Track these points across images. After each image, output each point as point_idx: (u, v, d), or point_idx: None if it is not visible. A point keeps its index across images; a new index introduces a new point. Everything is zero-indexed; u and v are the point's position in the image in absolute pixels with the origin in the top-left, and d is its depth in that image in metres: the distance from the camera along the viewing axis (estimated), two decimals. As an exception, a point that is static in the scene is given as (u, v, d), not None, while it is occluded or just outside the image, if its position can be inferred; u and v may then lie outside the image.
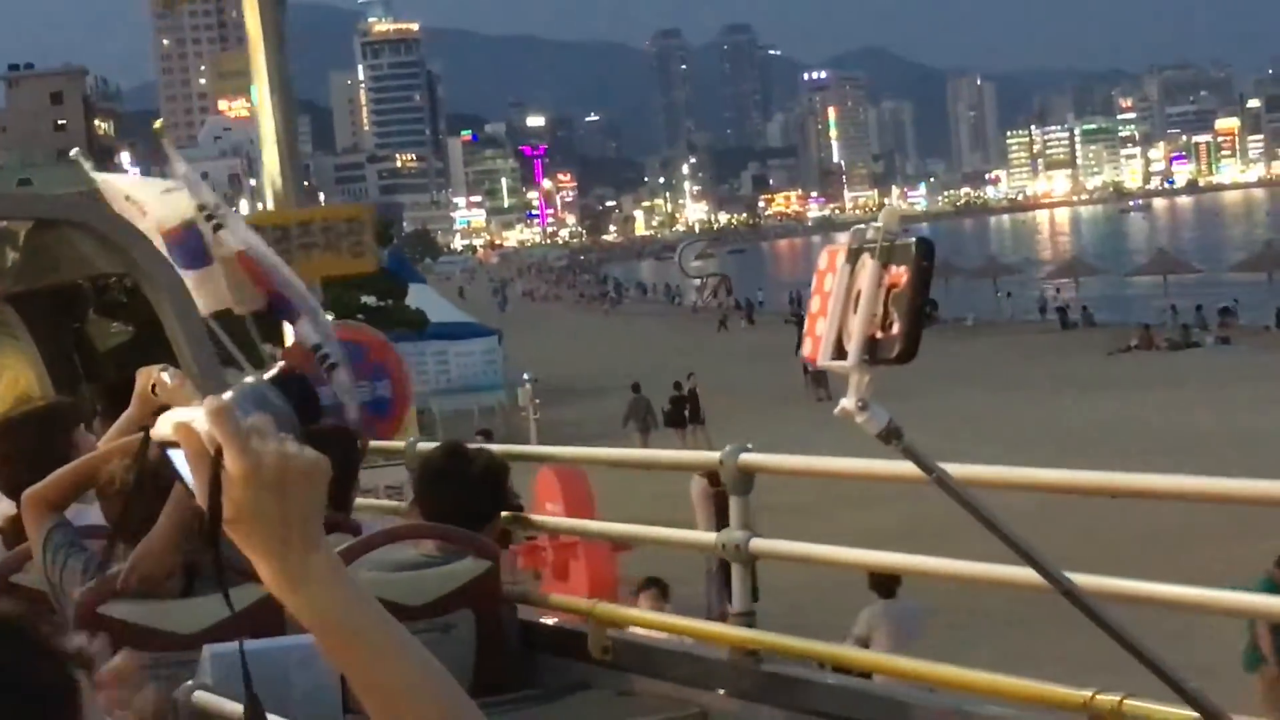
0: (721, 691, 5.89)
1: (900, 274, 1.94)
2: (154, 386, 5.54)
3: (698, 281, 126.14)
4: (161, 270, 8.33)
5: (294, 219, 17.31)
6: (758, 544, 6.06)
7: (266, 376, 2.02)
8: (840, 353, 2.02)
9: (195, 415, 1.88)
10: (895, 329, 1.92)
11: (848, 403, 1.99)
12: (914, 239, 1.97)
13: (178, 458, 1.91)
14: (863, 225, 2.05)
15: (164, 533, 5.26)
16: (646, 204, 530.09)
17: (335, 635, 1.91)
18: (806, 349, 2.08)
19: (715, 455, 6.28)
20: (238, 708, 4.29)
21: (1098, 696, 4.39)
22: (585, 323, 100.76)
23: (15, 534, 5.87)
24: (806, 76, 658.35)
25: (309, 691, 5.07)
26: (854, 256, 1.99)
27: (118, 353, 10.08)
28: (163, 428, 1.93)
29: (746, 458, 6.00)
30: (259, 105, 19.07)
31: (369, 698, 1.92)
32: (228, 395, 1.93)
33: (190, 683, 5.04)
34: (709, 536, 6.81)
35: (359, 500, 7.22)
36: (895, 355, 1.92)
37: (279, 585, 1.88)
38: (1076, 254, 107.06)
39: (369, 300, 54.25)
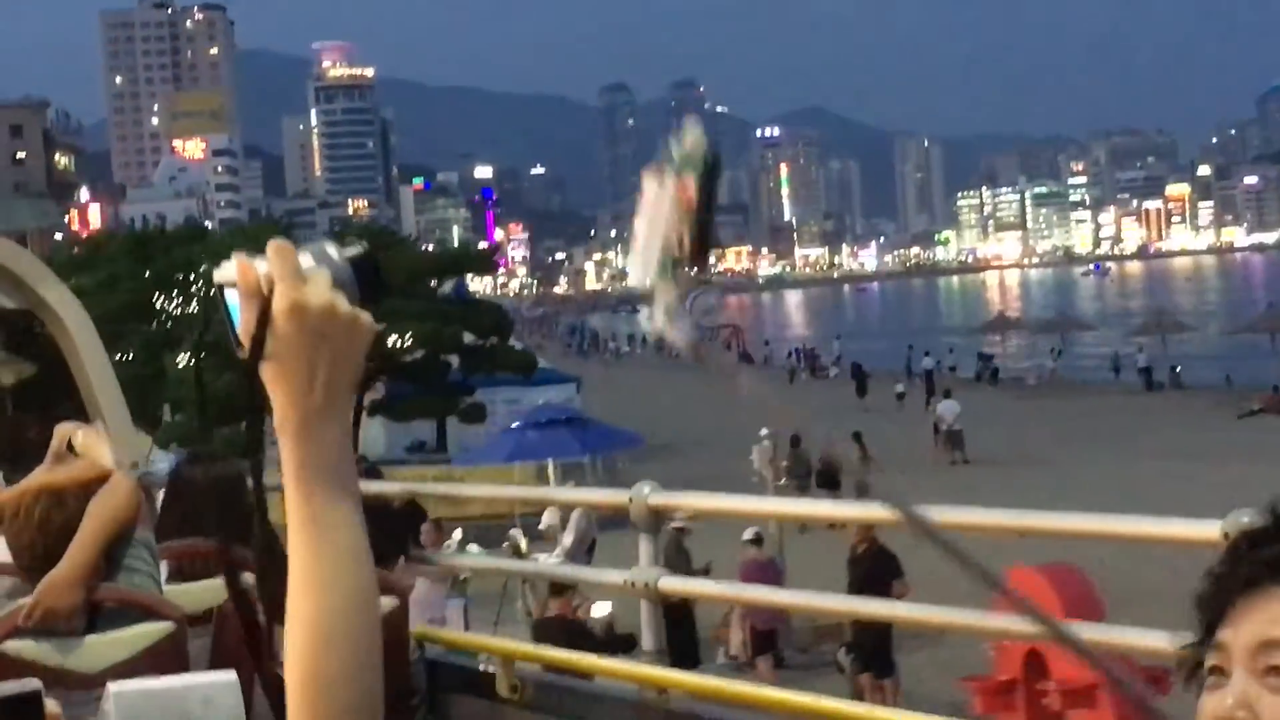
0: None
1: (690, 187, 1.83)
2: (70, 443, 5.71)
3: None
4: (71, 312, 8.16)
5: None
6: (667, 583, 6.37)
7: (347, 251, 1.98)
8: (648, 270, 1.87)
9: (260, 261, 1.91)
10: (686, 243, 1.83)
11: (656, 319, 1.86)
12: (703, 151, 1.84)
13: (232, 297, 1.92)
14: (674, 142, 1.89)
15: (70, 568, 5.18)
16: (598, 257, 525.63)
17: (303, 499, 1.91)
18: (632, 274, 1.88)
19: (625, 495, 6.51)
20: None
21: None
22: (605, 376, 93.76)
23: None
24: (759, 133, 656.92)
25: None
26: (662, 176, 1.87)
27: (20, 389, 9.20)
28: (225, 270, 1.92)
29: (656, 497, 6.26)
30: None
31: (295, 585, 1.91)
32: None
33: None
34: (616, 575, 6.83)
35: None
36: (688, 269, 1.83)
37: (288, 425, 1.90)
38: (1159, 309, 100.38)
39: (469, 338, 48.57)
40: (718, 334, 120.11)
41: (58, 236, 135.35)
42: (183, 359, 44.40)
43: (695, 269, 1.91)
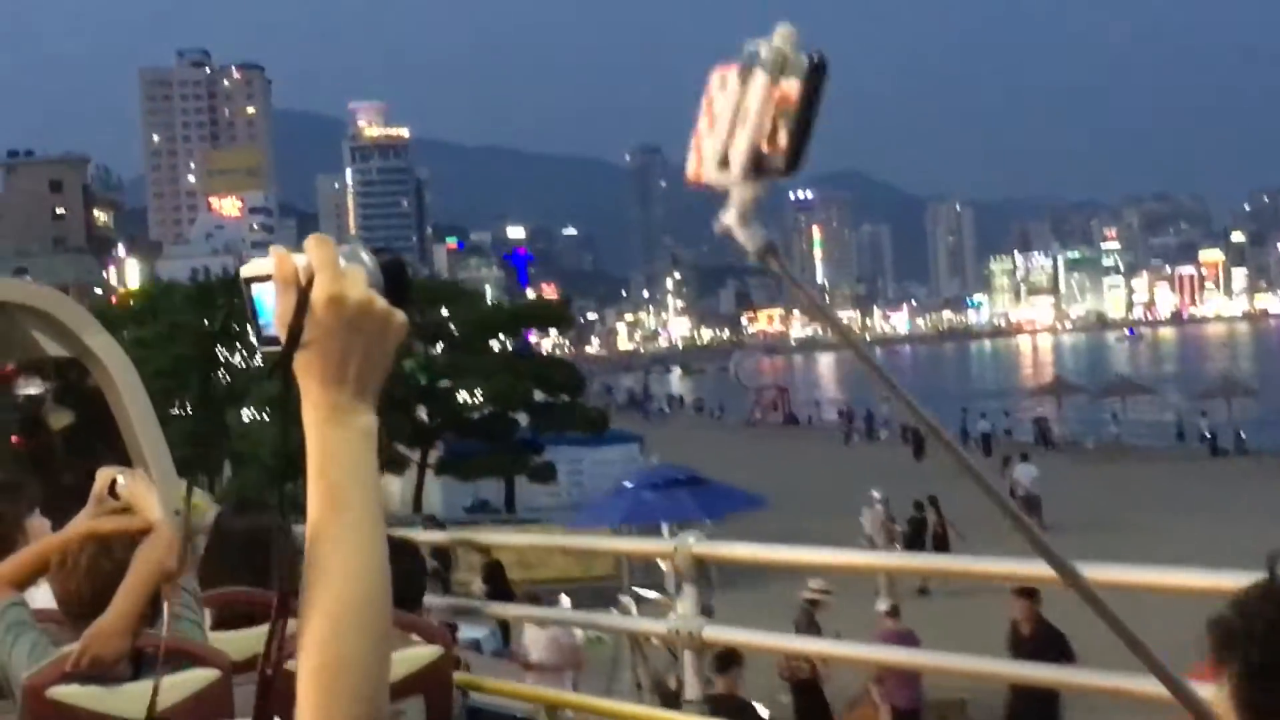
0: None
1: (792, 87, 1.79)
2: (112, 488, 5.60)
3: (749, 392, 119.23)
4: (115, 359, 8.22)
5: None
6: (710, 632, 6.44)
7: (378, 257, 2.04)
8: (724, 165, 1.84)
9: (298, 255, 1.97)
10: (782, 142, 1.78)
11: (728, 218, 1.83)
12: (807, 54, 1.81)
13: (263, 292, 1.97)
14: (755, 41, 1.86)
15: (116, 616, 5.23)
16: (630, 318, 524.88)
17: (325, 489, 1.94)
18: (690, 168, 1.86)
19: (669, 545, 6.80)
20: None
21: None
22: (658, 435, 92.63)
23: None
24: (792, 196, 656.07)
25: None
26: (745, 74, 1.82)
27: (69, 435, 9.16)
28: (253, 265, 1.99)
29: (699, 547, 6.37)
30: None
31: (314, 574, 1.94)
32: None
33: None
34: (659, 624, 7.05)
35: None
36: (782, 168, 1.79)
37: (317, 413, 1.93)
38: (1226, 373, 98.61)
39: (539, 396, 47.20)
40: (763, 395, 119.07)
41: (97, 291, 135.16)
42: (246, 414, 43.15)
43: (789, 171, 1.85)
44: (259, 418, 42.77)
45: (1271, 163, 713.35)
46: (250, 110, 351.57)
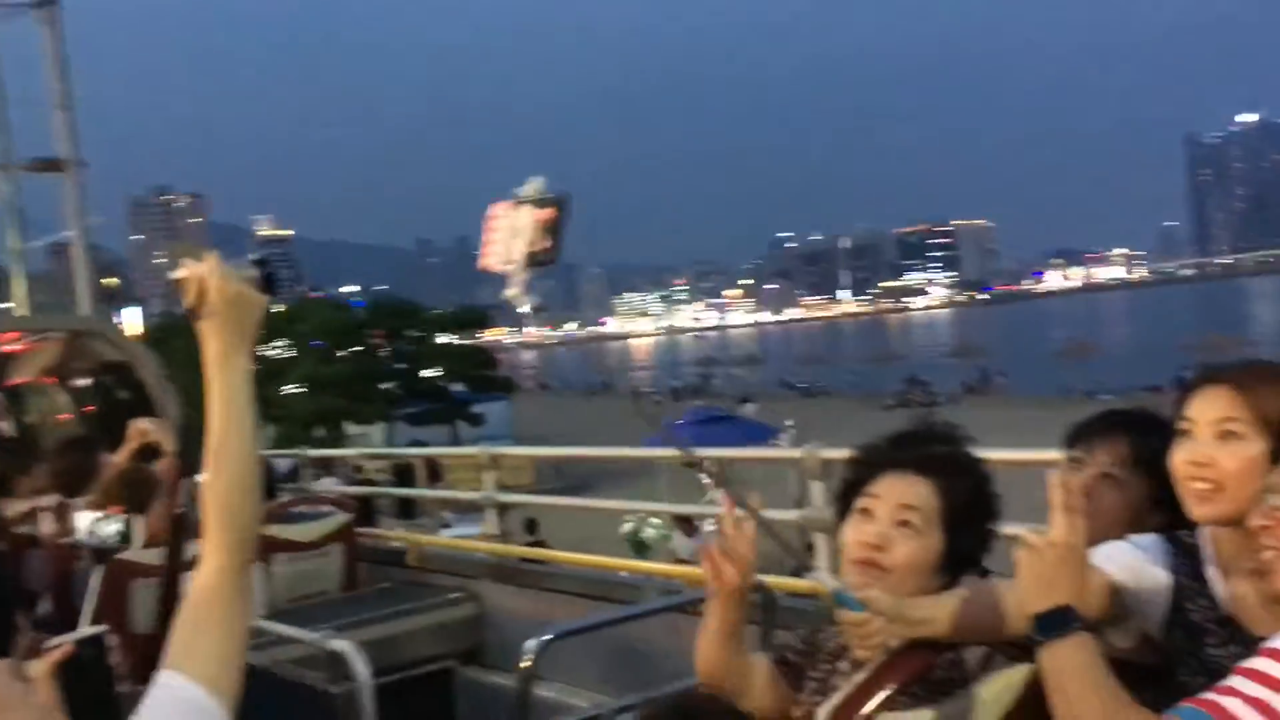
0: (486, 579, 5.65)
1: (549, 213, 1.88)
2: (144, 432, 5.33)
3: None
4: (148, 360, 7.60)
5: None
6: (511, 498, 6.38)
7: (255, 268, 1.93)
8: (508, 261, 1.95)
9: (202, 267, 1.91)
10: (549, 244, 1.89)
11: (511, 291, 1.90)
12: (556, 193, 1.85)
13: (183, 287, 1.92)
14: (520, 189, 1.95)
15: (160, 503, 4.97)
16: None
17: (224, 397, 1.84)
18: (484, 262, 1.93)
19: (476, 450, 6.46)
20: None
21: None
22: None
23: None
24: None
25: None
26: (517, 206, 1.90)
27: (123, 404, 8.27)
28: (181, 271, 1.89)
29: (492, 451, 6.25)
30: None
31: (211, 446, 1.84)
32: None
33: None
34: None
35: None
36: (549, 260, 1.91)
37: (214, 358, 1.84)
38: (812, 352, 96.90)
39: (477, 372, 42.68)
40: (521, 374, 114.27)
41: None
42: (288, 388, 37.90)
43: (552, 261, 1.83)
44: (293, 390, 37.90)
45: (762, 239, 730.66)
46: (199, 219, 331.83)
